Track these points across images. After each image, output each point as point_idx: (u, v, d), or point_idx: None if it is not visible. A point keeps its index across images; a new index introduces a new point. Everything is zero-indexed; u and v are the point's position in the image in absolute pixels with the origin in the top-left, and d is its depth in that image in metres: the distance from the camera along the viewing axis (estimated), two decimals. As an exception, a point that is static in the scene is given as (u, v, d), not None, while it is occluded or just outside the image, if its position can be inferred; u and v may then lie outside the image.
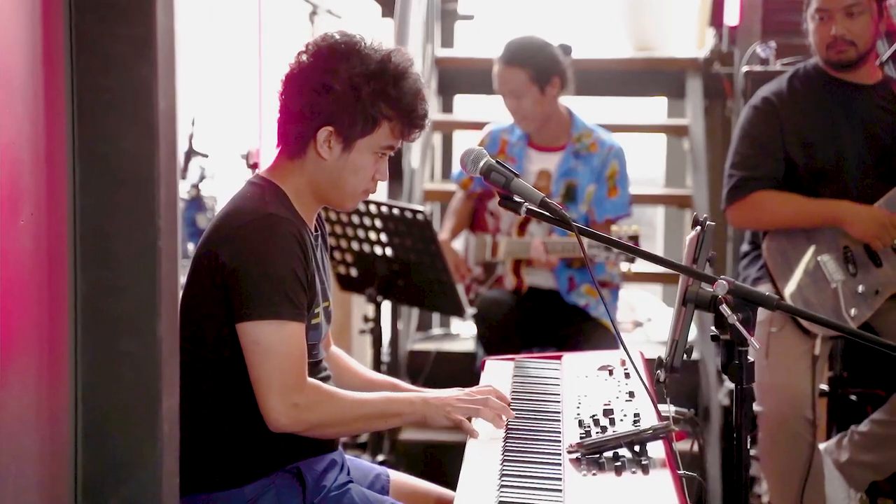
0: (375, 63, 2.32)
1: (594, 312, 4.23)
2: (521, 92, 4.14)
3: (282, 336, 2.25)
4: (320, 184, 2.38)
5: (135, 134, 1.71)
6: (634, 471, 2.04)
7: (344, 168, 2.36)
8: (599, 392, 2.48)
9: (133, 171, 1.70)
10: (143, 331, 1.70)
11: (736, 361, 2.19)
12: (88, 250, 1.70)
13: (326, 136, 2.34)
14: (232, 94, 4.27)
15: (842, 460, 3.55)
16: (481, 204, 4.37)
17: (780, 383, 3.44)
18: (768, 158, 3.55)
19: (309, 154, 2.36)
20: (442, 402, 2.35)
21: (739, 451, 2.21)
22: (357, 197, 2.42)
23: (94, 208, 1.71)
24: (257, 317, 2.24)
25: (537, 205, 2.31)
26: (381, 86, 2.32)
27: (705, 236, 2.31)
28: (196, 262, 2.34)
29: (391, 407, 2.36)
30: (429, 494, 2.56)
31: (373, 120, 2.33)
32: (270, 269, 2.25)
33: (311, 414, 2.27)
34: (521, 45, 4.17)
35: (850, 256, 3.47)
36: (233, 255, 2.27)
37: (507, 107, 4.21)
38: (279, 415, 2.24)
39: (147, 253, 1.70)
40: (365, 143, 2.35)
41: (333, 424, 2.32)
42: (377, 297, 3.96)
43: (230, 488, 2.32)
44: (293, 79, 2.36)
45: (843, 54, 3.50)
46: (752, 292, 2.18)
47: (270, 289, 2.24)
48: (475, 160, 2.37)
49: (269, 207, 2.31)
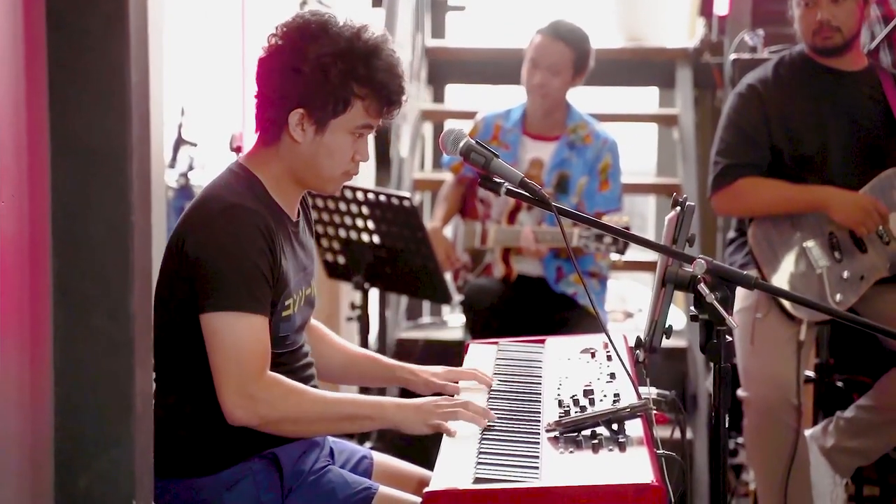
0: (344, 41, 2.28)
1: (582, 301, 4.22)
2: (558, 69, 4.13)
3: (240, 327, 2.21)
4: (298, 168, 2.35)
5: (107, 109, 1.70)
6: (611, 448, 2.04)
7: (318, 151, 2.32)
8: (581, 374, 2.47)
9: (105, 145, 1.70)
10: (116, 307, 1.69)
11: (714, 341, 2.19)
12: (60, 226, 1.69)
13: (298, 119, 2.30)
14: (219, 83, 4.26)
15: (827, 446, 3.55)
16: (471, 190, 4.36)
17: (765, 369, 3.44)
18: (753, 146, 3.54)
19: (283, 139, 2.33)
20: (418, 408, 2.26)
21: (717, 431, 2.21)
22: (337, 180, 2.38)
23: (66, 184, 1.70)
24: (217, 307, 2.21)
25: (517, 185, 2.31)
26: (350, 65, 2.28)
27: (685, 216, 2.30)
28: (167, 249, 2.32)
29: (359, 410, 2.28)
30: (412, 475, 2.55)
31: (344, 100, 2.29)
32: (232, 262, 2.22)
33: (267, 408, 2.22)
34: (572, 28, 4.18)
35: (836, 242, 3.47)
36: (197, 244, 2.25)
37: (529, 79, 4.16)
38: (234, 406, 2.20)
39: (119, 228, 1.69)
40: (338, 124, 2.31)
41: (292, 422, 2.25)
42: (364, 284, 3.96)
43: (207, 474, 2.30)
44: (265, 62, 2.33)
45: (829, 40, 3.49)
46: (730, 271, 2.18)
47: (231, 281, 2.22)
48: (455, 141, 2.36)
49: (238, 198, 2.28)
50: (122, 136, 1.71)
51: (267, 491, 2.31)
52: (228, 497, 2.29)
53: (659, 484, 1.90)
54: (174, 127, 4.40)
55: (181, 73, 4.11)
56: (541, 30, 4.17)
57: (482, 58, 5.82)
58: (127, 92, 1.71)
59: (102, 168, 1.71)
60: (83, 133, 1.70)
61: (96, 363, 1.70)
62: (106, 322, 1.69)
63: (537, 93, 4.17)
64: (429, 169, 5.81)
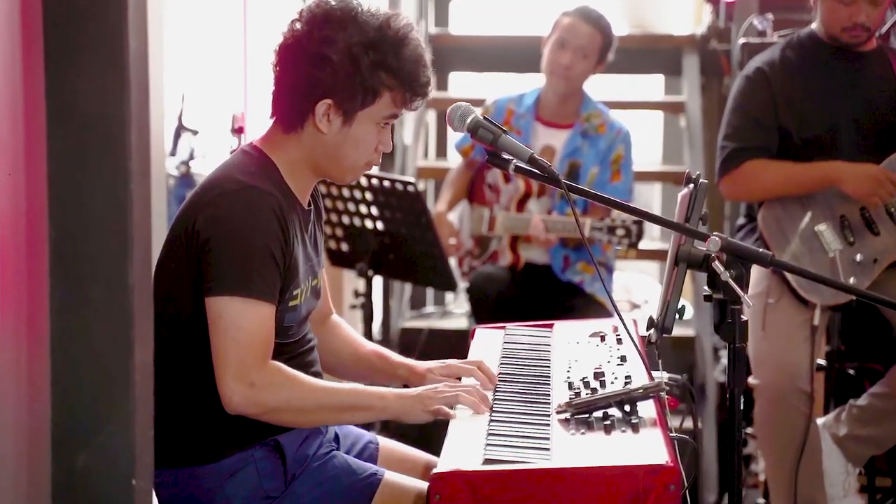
0: (374, 30, 2.21)
1: (589, 289, 4.18)
2: (587, 52, 4.09)
3: (246, 313, 2.14)
4: (319, 158, 2.28)
5: (104, 75, 1.64)
6: (624, 430, 1.99)
7: (344, 142, 2.25)
8: (591, 357, 2.43)
9: (103, 112, 1.64)
10: (114, 279, 1.64)
11: (729, 320, 2.14)
12: (57, 194, 1.64)
13: (325, 110, 2.23)
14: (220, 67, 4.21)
15: (840, 434, 3.50)
16: (480, 175, 4.30)
17: (776, 354, 3.39)
18: (760, 129, 3.50)
19: (307, 128, 2.26)
20: (418, 396, 2.21)
21: (732, 414, 2.16)
22: (358, 170, 2.32)
23: (63, 151, 1.64)
24: (224, 291, 2.15)
25: (526, 161, 2.26)
26: (380, 55, 2.21)
27: (698, 194, 2.25)
28: (173, 229, 2.26)
29: (360, 400, 2.22)
30: (417, 460, 2.49)
31: (373, 91, 2.22)
32: (245, 244, 2.16)
33: (267, 395, 2.15)
34: (601, 15, 4.15)
35: (848, 225, 3.43)
36: (208, 224, 2.18)
37: (554, 60, 4.10)
38: (233, 393, 2.13)
39: (118, 196, 1.64)
40: (366, 115, 2.24)
41: (291, 410, 2.19)
42: (368, 271, 3.90)
43: (207, 463, 2.24)
44: (288, 49, 2.25)
45: (857, 39, 3.45)
46: (745, 248, 2.13)
47: (242, 264, 2.15)
48: (462, 116, 2.31)
49: (254, 179, 2.22)
50: (120, 103, 1.65)
51: (270, 479, 2.25)
52: (230, 485, 2.23)
53: (673, 465, 1.85)
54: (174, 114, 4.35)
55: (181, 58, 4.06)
56: (568, 12, 4.13)
57: (486, 45, 5.77)
58: (125, 57, 1.65)
59: (100, 135, 1.65)
60: (81, 99, 1.64)
61: (95, 336, 1.65)
62: (105, 293, 1.63)
63: (561, 74, 4.11)
64: (432, 157, 5.75)
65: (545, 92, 4.21)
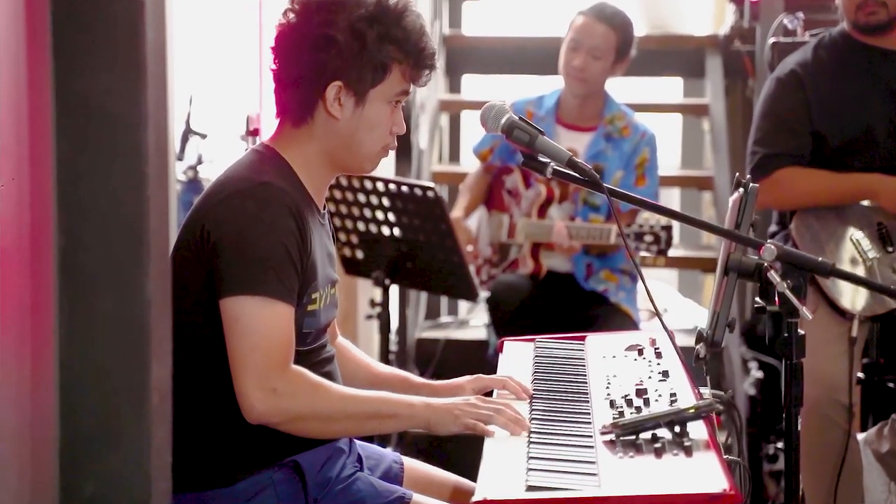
0: (373, 4, 2.14)
1: (613, 298, 4.04)
2: (601, 53, 3.94)
3: (265, 314, 2.03)
4: (335, 148, 2.18)
5: (118, 70, 1.50)
6: (676, 453, 1.85)
7: (359, 126, 2.16)
8: (630, 372, 2.28)
9: (116, 111, 1.50)
10: (127, 290, 1.49)
11: (786, 335, 2.01)
12: (66, 200, 1.49)
13: (336, 93, 2.14)
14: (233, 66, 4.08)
15: (882, 451, 3.37)
16: (498, 180, 4.16)
17: (813, 367, 3.21)
18: (792, 134, 3.38)
19: (318, 117, 2.17)
20: (450, 406, 2.08)
21: (790, 433, 2.03)
22: (376, 156, 2.22)
23: (72, 153, 1.50)
24: (240, 291, 2.03)
25: (565, 164, 2.13)
26: (384, 28, 2.13)
27: (749, 199, 2.12)
28: (182, 232, 2.14)
29: (386, 408, 2.10)
30: (445, 482, 2.36)
31: (382, 66, 2.14)
32: (259, 242, 2.04)
33: (290, 402, 2.02)
34: (617, 11, 4.00)
35: (885, 233, 3.32)
36: (220, 223, 2.07)
37: (568, 62, 3.96)
38: (255, 401, 2.00)
39: (133, 203, 1.49)
40: (378, 93, 2.16)
41: (316, 419, 2.06)
42: (384, 280, 3.75)
43: (221, 486, 2.11)
44: (286, 39, 2.17)
45: (874, 16, 3.35)
46: (804, 257, 2.00)
47: (257, 263, 2.04)
48: (497, 116, 2.19)
49: (266, 177, 2.11)
50: (136, 100, 1.51)
51: (290, 503, 2.12)
52: (246, 511, 2.10)
53: (735, 492, 1.71)
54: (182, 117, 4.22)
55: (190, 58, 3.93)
56: (583, 11, 3.98)
57: (500, 47, 5.65)
58: (141, 50, 1.51)
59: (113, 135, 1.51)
60: (92, 95, 1.50)
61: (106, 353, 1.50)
62: (118, 308, 1.49)
63: (576, 77, 3.97)
64: (446, 161, 5.62)
65: (565, 94, 4.07)
